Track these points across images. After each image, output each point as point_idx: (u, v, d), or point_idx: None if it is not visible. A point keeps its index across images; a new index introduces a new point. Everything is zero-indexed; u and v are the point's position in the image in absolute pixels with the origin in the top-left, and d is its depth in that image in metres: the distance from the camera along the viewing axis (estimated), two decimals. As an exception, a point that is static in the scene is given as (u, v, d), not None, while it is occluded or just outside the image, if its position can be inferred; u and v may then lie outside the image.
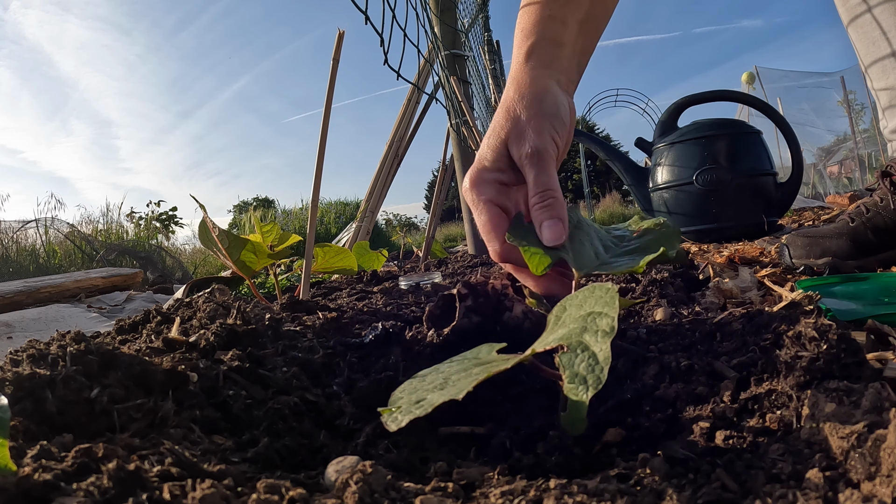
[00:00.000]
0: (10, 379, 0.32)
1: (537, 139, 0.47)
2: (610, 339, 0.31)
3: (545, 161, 0.47)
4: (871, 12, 0.96)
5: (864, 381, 0.33)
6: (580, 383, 0.30)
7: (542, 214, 0.47)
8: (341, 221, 8.06)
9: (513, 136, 0.48)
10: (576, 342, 0.32)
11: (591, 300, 0.35)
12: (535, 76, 0.51)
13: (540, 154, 0.47)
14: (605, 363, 0.30)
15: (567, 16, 0.54)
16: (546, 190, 0.47)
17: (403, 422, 0.31)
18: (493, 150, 0.50)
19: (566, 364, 0.32)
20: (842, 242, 0.93)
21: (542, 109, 0.49)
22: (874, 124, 8.52)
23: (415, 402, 0.32)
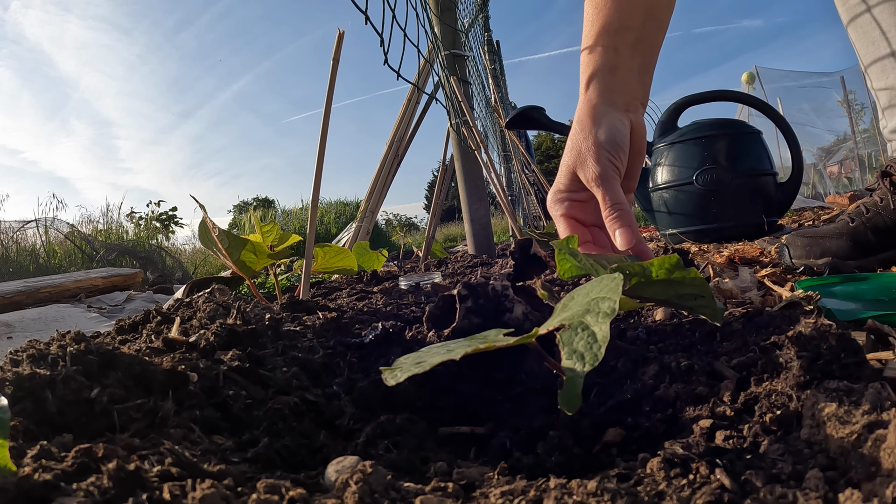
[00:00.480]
0: (10, 379, 0.32)
1: (596, 166, 0.56)
2: (609, 320, 0.32)
3: (609, 181, 0.55)
4: (870, 12, 0.96)
5: (864, 381, 0.33)
6: (577, 359, 0.31)
7: (614, 224, 0.55)
8: (341, 221, 8.06)
9: (578, 165, 0.58)
10: (577, 322, 0.33)
11: (597, 288, 0.36)
12: (591, 106, 0.59)
13: (603, 177, 0.55)
14: (603, 341, 0.31)
15: (618, 43, 0.60)
16: (615, 204, 0.55)
17: (402, 377, 0.32)
18: (565, 177, 0.60)
19: (566, 341, 0.33)
20: (842, 242, 0.93)
21: (597, 139, 0.57)
22: (874, 124, 8.52)
23: (415, 363, 0.33)
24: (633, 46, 0.60)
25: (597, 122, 0.57)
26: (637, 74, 0.61)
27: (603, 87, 0.59)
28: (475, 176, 2.17)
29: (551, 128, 1.99)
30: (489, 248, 2.21)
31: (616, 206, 0.55)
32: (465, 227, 2.27)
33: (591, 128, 0.57)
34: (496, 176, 2.12)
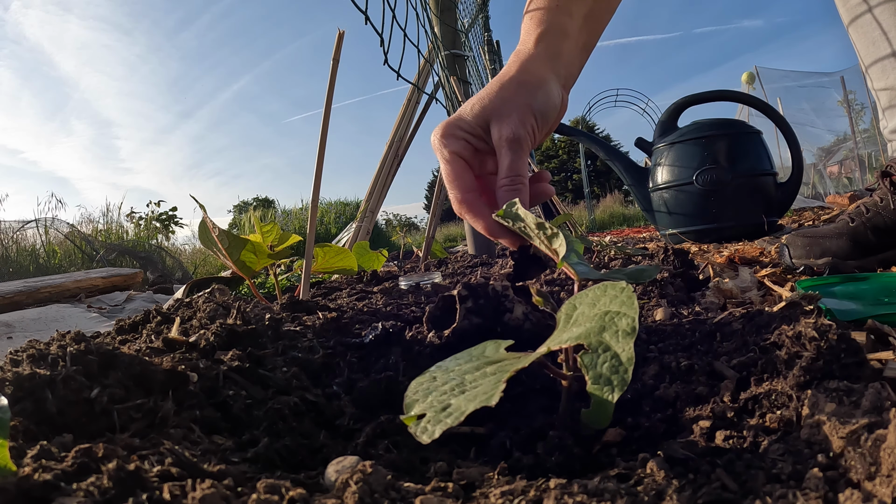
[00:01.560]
0: (10, 379, 0.32)
1: (520, 127, 0.49)
2: (632, 340, 0.31)
3: (522, 149, 0.50)
4: (871, 12, 0.96)
5: (864, 381, 0.33)
6: (605, 384, 0.30)
7: (508, 196, 0.49)
8: (341, 221, 8.07)
9: (496, 115, 0.50)
10: (596, 342, 0.32)
11: (604, 299, 0.34)
12: (539, 65, 0.53)
13: (519, 141, 0.49)
14: (628, 364, 0.30)
15: (573, 8, 0.56)
16: (517, 175, 0.49)
17: (436, 433, 0.29)
18: (475, 116, 0.51)
19: (588, 364, 0.31)
20: (842, 242, 0.93)
21: (533, 101, 0.51)
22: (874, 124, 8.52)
23: (441, 410, 0.31)
24: (584, 18, 0.56)
25: (538, 85, 0.52)
26: (580, 52, 0.58)
27: (554, 50, 0.54)
28: (475, 176, 2.17)
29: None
30: (489, 248, 2.21)
31: (518, 179, 0.49)
32: (465, 227, 2.27)
33: (531, 86, 0.51)
34: (496, 176, 2.12)
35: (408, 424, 0.30)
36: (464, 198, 0.50)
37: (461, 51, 2.19)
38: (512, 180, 0.49)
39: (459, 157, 0.51)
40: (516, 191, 0.49)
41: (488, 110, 0.51)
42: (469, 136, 0.52)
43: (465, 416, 0.29)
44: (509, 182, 0.49)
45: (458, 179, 0.51)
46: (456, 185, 0.51)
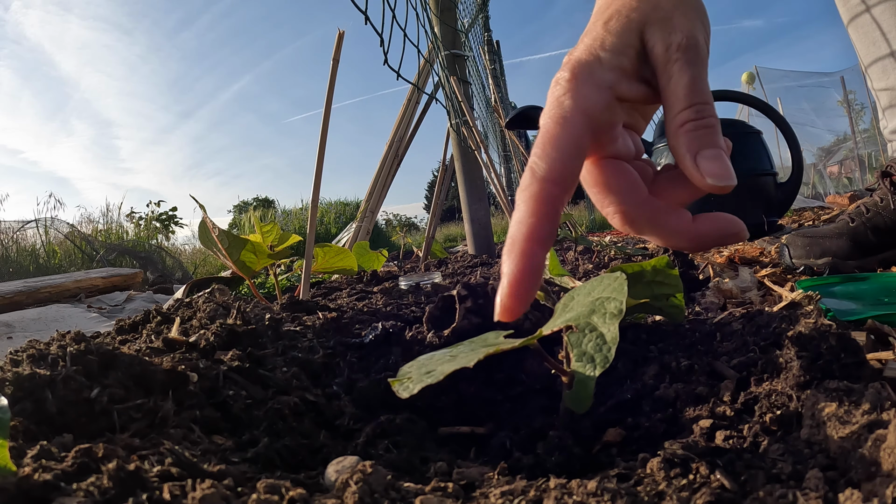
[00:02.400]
0: (10, 379, 0.32)
1: (692, 28, 0.33)
2: (618, 321, 0.32)
3: (702, 60, 0.32)
4: (869, 12, 0.96)
5: (864, 381, 0.33)
6: (588, 361, 0.31)
7: (699, 138, 0.31)
8: (341, 221, 8.07)
9: (654, 19, 0.33)
10: (584, 323, 0.33)
11: (599, 288, 0.35)
12: None
13: (697, 48, 0.32)
14: (612, 343, 0.31)
15: None
16: (705, 103, 0.32)
17: (415, 389, 0.31)
18: (617, 35, 0.33)
19: (574, 343, 0.32)
20: (842, 242, 0.93)
21: (687, 1, 0.34)
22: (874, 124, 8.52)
23: (425, 373, 0.32)
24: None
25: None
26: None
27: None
28: (475, 176, 2.17)
29: (551, 128, 1.98)
30: (489, 248, 2.21)
31: (707, 109, 0.32)
32: (465, 227, 2.27)
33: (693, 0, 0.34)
34: (496, 176, 2.12)
35: (393, 386, 0.32)
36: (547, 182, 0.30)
37: (461, 51, 2.19)
38: (698, 111, 0.31)
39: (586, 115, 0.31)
40: (708, 127, 0.31)
41: (636, 20, 0.33)
42: (615, 73, 0.33)
43: (444, 377, 0.30)
44: (696, 114, 0.31)
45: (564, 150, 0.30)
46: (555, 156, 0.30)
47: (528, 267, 0.28)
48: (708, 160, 0.31)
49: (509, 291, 0.28)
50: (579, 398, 0.31)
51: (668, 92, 0.33)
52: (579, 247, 1.73)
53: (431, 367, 0.33)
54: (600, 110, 0.32)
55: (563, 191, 0.30)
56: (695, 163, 0.31)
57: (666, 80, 0.33)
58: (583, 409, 0.32)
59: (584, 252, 1.69)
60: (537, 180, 0.30)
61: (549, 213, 0.30)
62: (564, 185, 0.30)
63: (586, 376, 0.31)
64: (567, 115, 0.31)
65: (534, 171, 0.30)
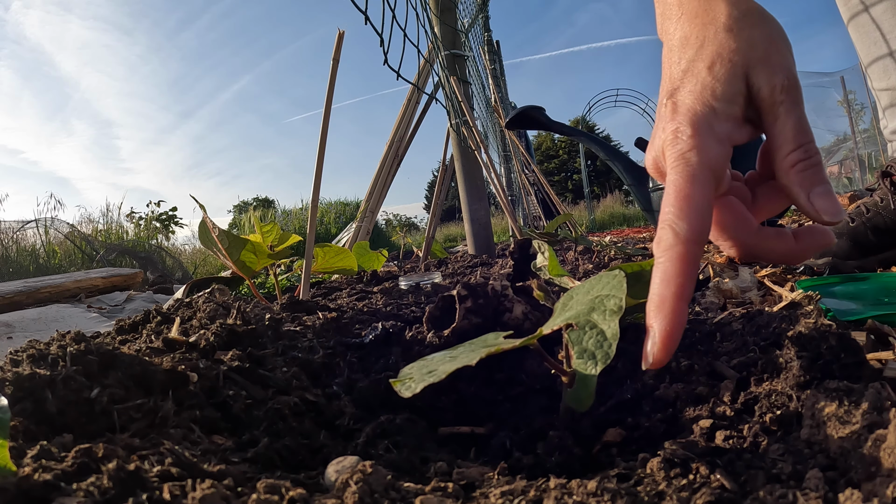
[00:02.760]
0: (10, 379, 0.32)
1: (790, 66, 0.34)
2: (618, 317, 0.32)
3: (802, 98, 0.34)
4: (868, 12, 0.96)
5: (864, 381, 0.33)
6: (589, 358, 0.31)
7: (810, 177, 0.33)
8: (341, 221, 8.07)
9: (754, 60, 0.33)
10: (584, 320, 0.33)
11: (598, 286, 0.35)
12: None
13: (797, 87, 0.33)
14: (612, 339, 0.31)
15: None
16: (810, 141, 0.33)
17: (417, 388, 0.31)
18: (727, 83, 0.33)
19: (574, 340, 0.32)
20: (842, 242, 0.93)
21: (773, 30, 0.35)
22: (874, 124, 8.52)
23: (427, 372, 0.32)
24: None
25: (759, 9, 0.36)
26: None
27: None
28: (475, 176, 2.17)
29: (551, 128, 1.99)
30: (489, 248, 2.21)
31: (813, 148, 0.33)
32: (465, 227, 2.27)
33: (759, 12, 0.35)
34: (496, 176, 2.12)
35: (395, 386, 0.32)
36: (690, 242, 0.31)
37: (461, 51, 2.19)
38: (807, 151, 0.33)
39: (712, 171, 0.32)
40: (817, 166, 0.33)
41: (739, 63, 0.33)
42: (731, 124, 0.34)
43: (446, 376, 0.31)
44: (805, 154, 0.33)
45: (700, 210, 0.31)
46: (694, 216, 0.31)
47: (679, 324, 0.30)
48: (821, 198, 0.33)
49: (662, 346, 0.30)
50: (580, 396, 0.32)
51: (776, 132, 0.34)
52: (579, 247, 1.73)
53: (433, 366, 0.33)
54: (723, 163, 0.33)
55: (702, 248, 0.31)
56: (809, 201, 0.33)
57: (772, 120, 0.34)
58: (584, 408, 0.32)
59: (584, 252, 1.69)
60: (681, 241, 0.31)
61: (693, 273, 0.31)
62: (703, 243, 0.31)
63: (587, 373, 0.31)
64: (696, 172, 0.32)
65: (675, 231, 0.31)
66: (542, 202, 3.99)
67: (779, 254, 0.36)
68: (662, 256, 0.31)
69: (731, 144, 0.34)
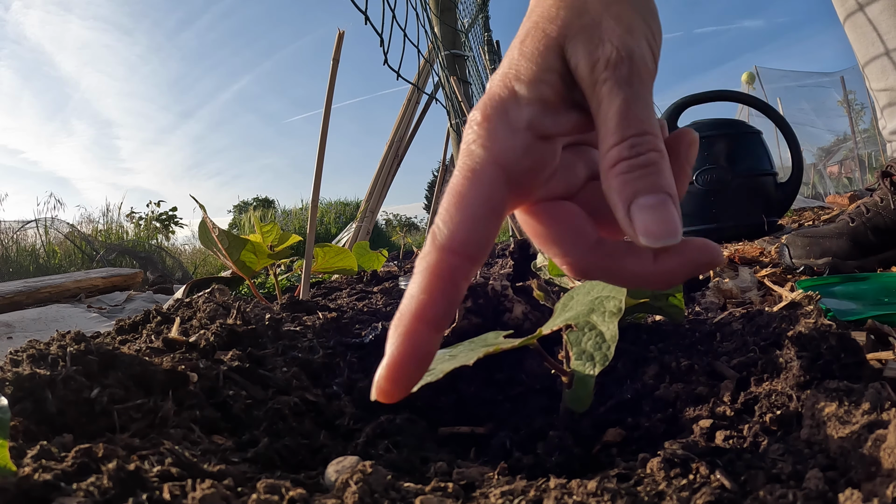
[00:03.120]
0: (10, 379, 0.32)
1: (627, 36, 0.26)
2: (617, 319, 0.32)
3: (641, 77, 0.26)
4: (863, 11, 0.96)
5: (864, 381, 0.33)
6: (587, 360, 0.31)
7: (634, 183, 0.24)
8: (341, 221, 8.07)
9: (576, 31, 0.26)
10: (583, 322, 0.33)
11: (598, 287, 0.35)
12: None
13: (632, 61, 0.25)
14: (611, 341, 0.31)
15: None
16: (643, 133, 0.25)
17: (415, 387, 0.31)
18: (533, 59, 0.27)
19: (573, 341, 0.33)
20: (842, 242, 0.93)
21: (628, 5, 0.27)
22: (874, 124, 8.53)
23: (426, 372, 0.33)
24: None
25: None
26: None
27: None
28: (475, 176, 2.17)
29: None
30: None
31: (646, 141, 0.25)
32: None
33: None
34: (496, 176, 2.12)
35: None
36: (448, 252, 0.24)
37: (461, 51, 2.19)
38: (634, 144, 0.25)
39: (500, 167, 0.25)
40: (647, 167, 0.24)
41: (554, 36, 0.27)
42: (535, 108, 0.26)
43: (444, 375, 0.31)
44: (630, 150, 0.25)
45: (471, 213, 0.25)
46: (460, 220, 0.24)
47: (412, 351, 0.24)
48: (644, 212, 0.24)
49: (386, 374, 0.24)
50: (579, 397, 0.32)
51: (598, 122, 0.26)
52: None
53: (431, 365, 0.33)
54: (518, 157, 0.26)
55: (468, 260, 0.24)
56: (627, 215, 0.24)
57: (595, 106, 0.26)
58: (583, 408, 0.32)
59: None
60: (436, 248, 0.24)
61: (445, 288, 0.24)
62: (469, 254, 0.24)
63: (586, 374, 0.31)
64: (477, 167, 0.25)
65: (434, 237, 0.25)
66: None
67: (627, 277, 0.27)
68: (417, 265, 0.25)
69: (535, 135, 0.26)
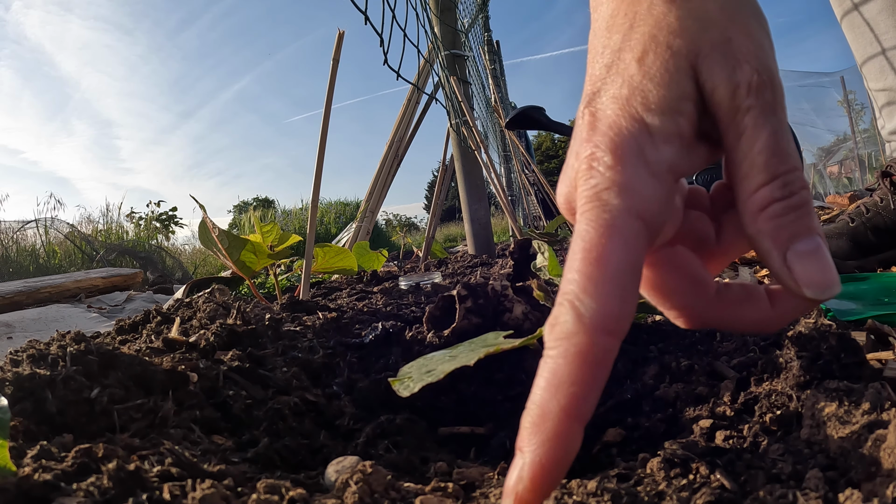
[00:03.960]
0: (10, 379, 0.32)
1: (762, 54, 0.23)
2: None
3: (781, 104, 0.23)
4: (860, 11, 0.96)
5: (864, 381, 0.33)
6: None
7: (789, 226, 0.22)
8: (341, 221, 8.06)
9: (706, 46, 0.23)
10: None
11: None
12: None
13: (773, 86, 0.23)
14: None
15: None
16: (792, 170, 0.22)
17: (416, 388, 0.31)
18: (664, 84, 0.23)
19: None
20: (842, 242, 0.93)
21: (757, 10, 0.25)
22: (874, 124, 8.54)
23: (426, 372, 0.32)
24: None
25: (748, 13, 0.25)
26: None
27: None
28: (475, 176, 2.17)
29: (551, 128, 1.99)
30: (489, 248, 2.21)
31: (795, 177, 0.22)
32: (465, 227, 2.27)
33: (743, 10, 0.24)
34: (496, 176, 2.12)
35: (393, 385, 0.32)
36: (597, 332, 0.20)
37: (461, 51, 2.19)
38: (786, 183, 0.22)
39: (641, 220, 0.22)
40: (800, 208, 0.22)
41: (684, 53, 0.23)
42: (672, 147, 0.23)
43: (445, 376, 0.31)
44: (781, 189, 0.22)
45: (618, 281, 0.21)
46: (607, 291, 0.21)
47: (563, 455, 0.20)
48: (804, 260, 0.22)
49: (531, 484, 0.20)
50: None
51: (740, 155, 0.23)
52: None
53: (432, 366, 0.33)
54: (661, 208, 0.22)
55: (619, 340, 0.21)
56: (785, 264, 0.22)
57: (734, 137, 0.23)
58: None
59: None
60: (585, 328, 0.20)
61: (599, 377, 0.20)
62: (621, 332, 0.21)
63: None
64: (617, 222, 0.21)
65: (578, 312, 0.20)
66: (542, 202, 3.99)
67: (747, 324, 0.25)
68: (555, 348, 0.21)
69: (674, 178, 0.23)
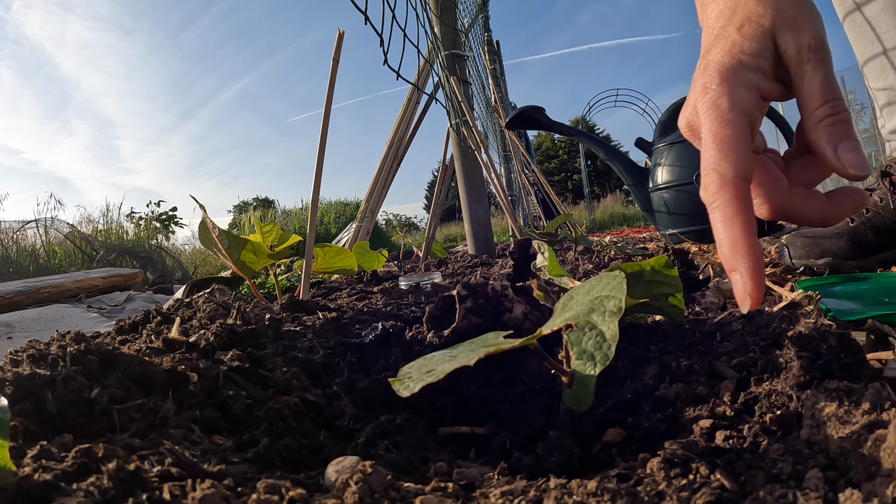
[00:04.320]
0: (10, 379, 0.32)
1: (819, 30, 0.36)
2: (617, 318, 0.32)
3: (830, 59, 0.36)
4: (862, 11, 0.96)
5: (864, 381, 0.33)
6: (588, 359, 0.31)
7: (837, 132, 0.34)
8: (341, 221, 8.06)
9: (782, 23, 0.36)
10: (583, 321, 0.33)
11: (598, 287, 0.35)
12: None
13: (825, 48, 0.36)
14: (612, 341, 0.31)
15: None
16: (838, 98, 0.35)
17: (416, 388, 0.31)
18: (754, 40, 0.36)
19: (574, 341, 0.33)
20: (842, 242, 0.93)
21: (807, 2, 0.37)
22: (874, 124, 8.53)
23: (426, 372, 0.32)
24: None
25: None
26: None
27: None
28: (475, 176, 2.17)
29: (551, 128, 1.99)
30: (489, 248, 2.21)
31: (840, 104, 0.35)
32: (465, 227, 2.27)
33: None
34: (496, 176, 2.12)
35: (393, 385, 0.32)
36: (738, 180, 0.32)
37: (461, 51, 2.19)
38: (834, 107, 0.35)
39: (744, 114, 0.34)
40: (844, 122, 0.35)
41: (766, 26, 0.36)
42: (758, 75, 0.36)
43: (445, 375, 0.31)
44: (832, 110, 0.35)
45: (740, 148, 0.33)
46: (735, 155, 0.33)
47: (759, 257, 0.31)
48: (848, 152, 0.34)
49: (754, 284, 0.31)
50: (579, 397, 0.32)
51: (804, 89, 0.35)
52: (579, 247, 1.73)
53: (432, 366, 0.33)
54: (753, 108, 0.35)
55: (749, 183, 0.33)
56: (836, 155, 0.34)
57: (800, 78, 0.35)
58: (583, 408, 0.32)
59: (584, 252, 1.69)
60: (729, 181, 0.32)
61: (750, 208, 0.32)
62: (749, 179, 0.33)
63: (586, 374, 0.31)
64: (728, 116, 0.34)
65: (721, 173, 0.33)
66: (542, 202, 3.99)
67: (811, 213, 0.37)
68: (716, 200, 0.33)
69: (760, 94, 0.35)
